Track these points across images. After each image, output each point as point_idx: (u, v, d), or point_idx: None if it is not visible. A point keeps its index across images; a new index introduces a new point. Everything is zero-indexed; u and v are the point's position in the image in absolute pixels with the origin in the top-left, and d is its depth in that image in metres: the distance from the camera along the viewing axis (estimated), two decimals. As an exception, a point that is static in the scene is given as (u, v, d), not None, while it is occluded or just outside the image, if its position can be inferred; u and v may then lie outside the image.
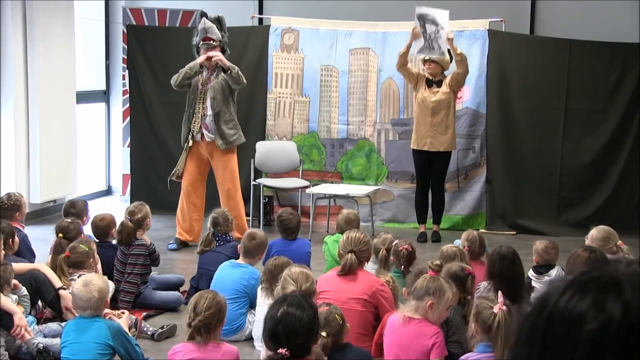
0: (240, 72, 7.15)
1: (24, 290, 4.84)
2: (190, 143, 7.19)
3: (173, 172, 7.30)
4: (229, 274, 5.14)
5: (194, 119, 7.17)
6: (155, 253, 5.70)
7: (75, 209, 6.13)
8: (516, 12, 8.70)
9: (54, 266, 5.25)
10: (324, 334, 3.62)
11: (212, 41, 7.08)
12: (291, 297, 3.22)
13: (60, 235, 5.48)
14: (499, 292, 3.73)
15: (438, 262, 4.10)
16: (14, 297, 4.72)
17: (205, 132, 7.18)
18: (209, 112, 7.16)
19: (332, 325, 3.69)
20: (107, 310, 4.20)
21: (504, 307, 3.55)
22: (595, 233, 5.34)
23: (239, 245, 5.38)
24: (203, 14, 7.18)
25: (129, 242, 5.57)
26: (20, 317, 4.41)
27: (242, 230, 6.85)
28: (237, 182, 7.37)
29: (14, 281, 4.77)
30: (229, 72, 7.10)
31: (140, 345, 4.24)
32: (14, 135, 7.91)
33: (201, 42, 7.10)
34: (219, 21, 7.19)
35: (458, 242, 6.27)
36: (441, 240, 7.53)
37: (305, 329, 3.04)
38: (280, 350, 2.98)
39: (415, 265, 5.04)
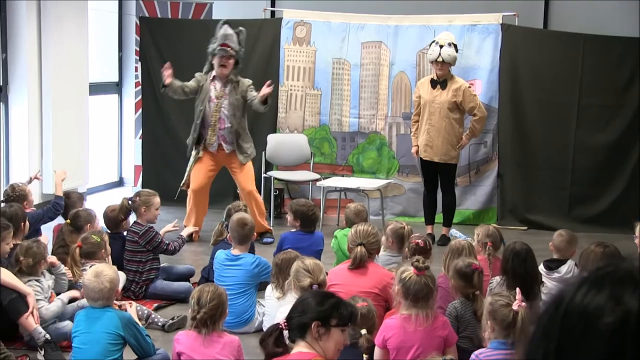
0: None
1: (62, 268, 4.87)
2: (201, 154, 7.15)
3: (183, 182, 7.26)
4: (229, 268, 5.16)
5: (209, 131, 7.09)
6: (158, 242, 5.67)
7: (70, 200, 6.13)
8: (530, 7, 8.66)
9: (56, 249, 5.33)
10: (363, 331, 3.63)
11: (229, 48, 6.95)
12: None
13: (68, 221, 5.52)
14: (517, 289, 3.69)
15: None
16: (51, 277, 4.76)
17: (223, 144, 7.13)
18: (226, 124, 7.08)
19: (369, 323, 3.74)
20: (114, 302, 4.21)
21: (524, 304, 3.52)
22: None
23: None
24: (226, 22, 7.10)
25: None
26: (34, 298, 4.43)
27: (262, 228, 7.10)
28: (254, 184, 7.33)
29: (52, 258, 4.81)
30: (267, 105, 7.09)
31: (150, 336, 4.25)
32: (27, 126, 7.94)
33: (219, 47, 6.94)
34: (237, 34, 7.07)
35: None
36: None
37: (306, 307, 3.09)
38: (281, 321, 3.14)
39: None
